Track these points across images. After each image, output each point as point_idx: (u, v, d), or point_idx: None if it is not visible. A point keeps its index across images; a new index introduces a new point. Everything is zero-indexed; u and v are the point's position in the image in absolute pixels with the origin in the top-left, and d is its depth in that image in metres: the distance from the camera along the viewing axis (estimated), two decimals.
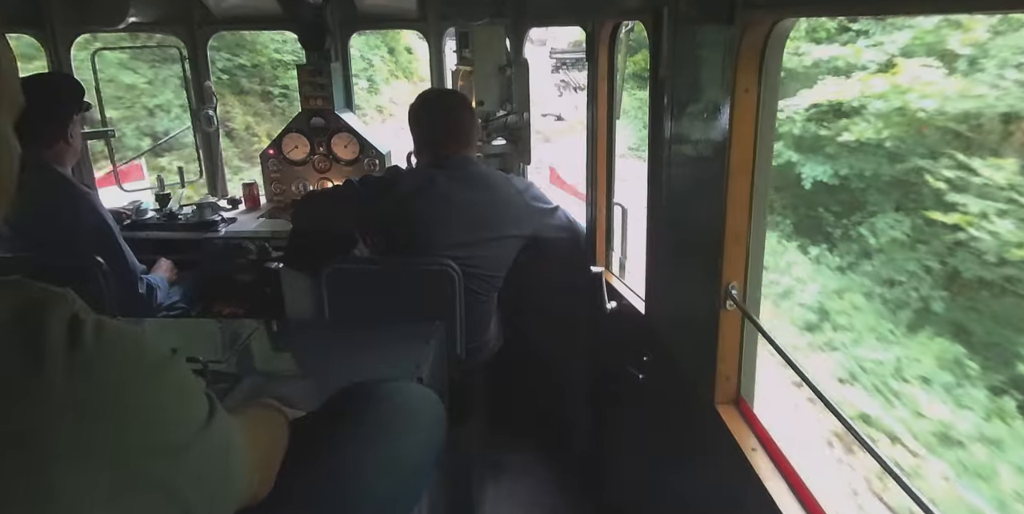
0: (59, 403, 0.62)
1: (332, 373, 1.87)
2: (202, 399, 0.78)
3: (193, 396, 0.76)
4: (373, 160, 3.68)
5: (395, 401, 1.27)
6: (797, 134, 8.08)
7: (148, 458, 0.68)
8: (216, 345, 2.13)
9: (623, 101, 2.51)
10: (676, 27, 1.76)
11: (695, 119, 1.69)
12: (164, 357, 0.73)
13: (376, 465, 1.17)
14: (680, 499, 2.05)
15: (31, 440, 0.61)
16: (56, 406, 0.62)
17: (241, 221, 3.57)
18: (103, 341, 0.67)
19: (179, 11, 3.64)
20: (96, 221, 2.60)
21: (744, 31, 1.39)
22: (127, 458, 0.66)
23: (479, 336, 2.65)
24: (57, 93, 2.62)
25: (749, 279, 1.59)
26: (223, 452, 0.79)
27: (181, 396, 0.74)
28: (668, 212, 1.94)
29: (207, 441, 0.75)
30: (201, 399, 0.77)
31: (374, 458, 1.17)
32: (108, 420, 0.65)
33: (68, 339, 0.65)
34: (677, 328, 1.95)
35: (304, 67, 3.60)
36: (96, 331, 0.67)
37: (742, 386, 1.66)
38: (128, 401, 0.67)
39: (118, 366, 0.68)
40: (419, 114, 2.62)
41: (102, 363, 0.66)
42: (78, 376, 0.64)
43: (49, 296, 0.68)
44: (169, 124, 9.37)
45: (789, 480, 1.42)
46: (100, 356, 0.66)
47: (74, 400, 0.63)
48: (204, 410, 0.76)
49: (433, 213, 2.47)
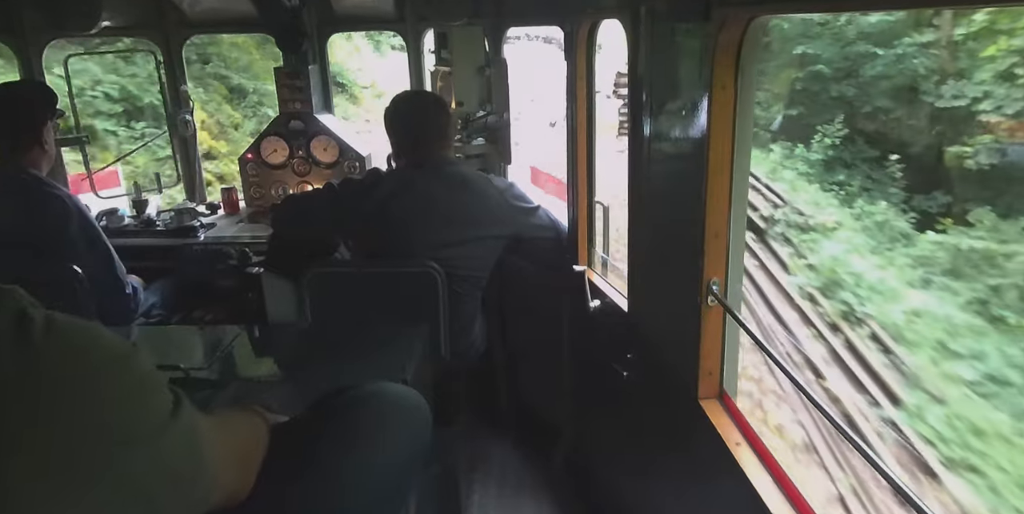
0: (11, 399, 0.61)
1: (316, 377, 1.86)
2: (164, 393, 0.76)
3: (154, 390, 0.75)
4: (353, 163, 3.65)
5: (380, 403, 1.27)
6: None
7: (107, 452, 0.66)
8: (198, 352, 2.11)
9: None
10: (653, 25, 1.77)
11: (674, 117, 1.70)
12: (121, 351, 0.72)
13: (361, 467, 1.16)
14: (666, 494, 2.06)
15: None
16: (7, 402, 0.61)
17: (220, 226, 3.54)
18: (53, 336, 0.66)
19: (152, 15, 3.60)
20: (82, 222, 2.58)
21: (720, 28, 1.41)
22: (84, 453, 0.64)
23: (463, 337, 2.64)
24: (30, 100, 2.62)
25: (730, 275, 1.60)
26: (190, 445, 0.77)
27: (141, 390, 0.72)
28: (649, 210, 1.95)
29: (172, 434, 0.73)
30: (163, 393, 0.76)
31: (358, 461, 1.16)
32: (62, 416, 0.64)
33: (16, 335, 0.64)
34: (660, 325, 1.96)
35: (281, 70, 3.58)
36: (46, 326, 0.66)
37: (725, 381, 1.67)
38: (81, 396, 0.66)
39: (69, 361, 0.66)
40: (393, 117, 2.61)
41: (52, 358, 0.65)
42: (29, 371, 0.63)
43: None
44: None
45: (773, 473, 1.43)
46: (49, 351, 0.65)
47: (26, 397, 0.62)
48: (167, 404, 0.75)
49: (414, 214, 2.46)
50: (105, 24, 3.26)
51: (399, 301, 2.43)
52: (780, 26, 13.27)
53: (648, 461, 2.18)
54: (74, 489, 0.63)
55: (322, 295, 2.43)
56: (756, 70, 1.49)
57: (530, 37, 17.89)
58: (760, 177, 12.10)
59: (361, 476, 1.16)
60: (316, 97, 3.60)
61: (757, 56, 1.47)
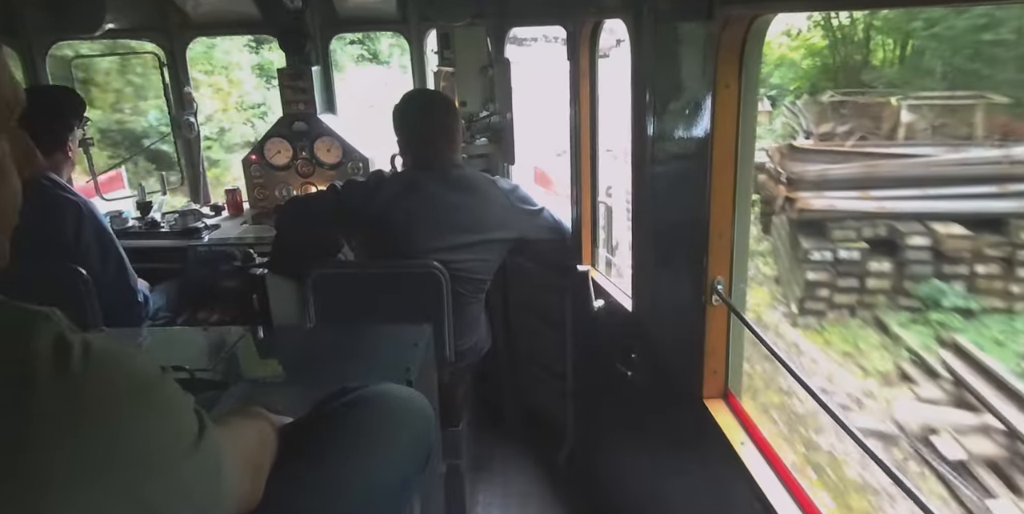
0: (50, 429, 0.61)
1: (320, 378, 1.86)
2: (191, 417, 0.77)
3: (182, 415, 0.76)
4: (357, 164, 3.66)
5: (383, 405, 1.27)
6: None
7: (139, 480, 0.67)
8: (203, 353, 2.11)
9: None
10: (656, 24, 1.77)
11: (677, 116, 1.70)
12: (153, 377, 0.72)
13: (365, 468, 1.16)
14: (671, 494, 2.06)
15: (23, 468, 0.60)
16: (47, 432, 0.61)
17: (224, 228, 3.54)
18: (91, 364, 0.66)
19: (156, 17, 3.61)
20: (98, 229, 2.59)
21: (723, 27, 1.40)
22: (119, 480, 0.65)
23: (468, 338, 2.64)
24: (59, 105, 2.64)
25: (734, 274, 1.60)
26: (213, 469, 0.78)
27: (170, 416, 0.73)
28: (652, 209, 1.95)
29: (197, 460, 0.74)
30: (190, 417, 0.77)
31: (363, 462, 1.17)
32: (98, 443, 0.64)
33: (55, 363, 0.64)
34: (664, 324, 1.95)
35: (285, 71, 3.58)
36: (84, 353, 0.66)
37: (729, 380, 1.67)
38: (118, 424, 0.66)
39: (107, 389, 0.67)
40: (402, 115, 2.60)
41: (91, 387, 0.65)
42: (68, 401, 0.63)
43: (32, 317, 0.67)
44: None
45: (778, 472, 1.43)
46: (89, 380, 0.65)
47: (64, 425, 0.62)
48: (194, 428, 0.76)
49: (418, 216, 2.46)
50: (109, 26, 3.27)
51: (403, 302, 2.44)
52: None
53: (652, 461, 2.18)
54: (103, 510, 0.64)
55: (326, 296, 2.43)
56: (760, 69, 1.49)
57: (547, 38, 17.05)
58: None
59: (365, 477, 1.16)
60: (319, 98, 3.61)
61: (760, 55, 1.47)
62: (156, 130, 9.10)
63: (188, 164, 3.93)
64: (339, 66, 14.82)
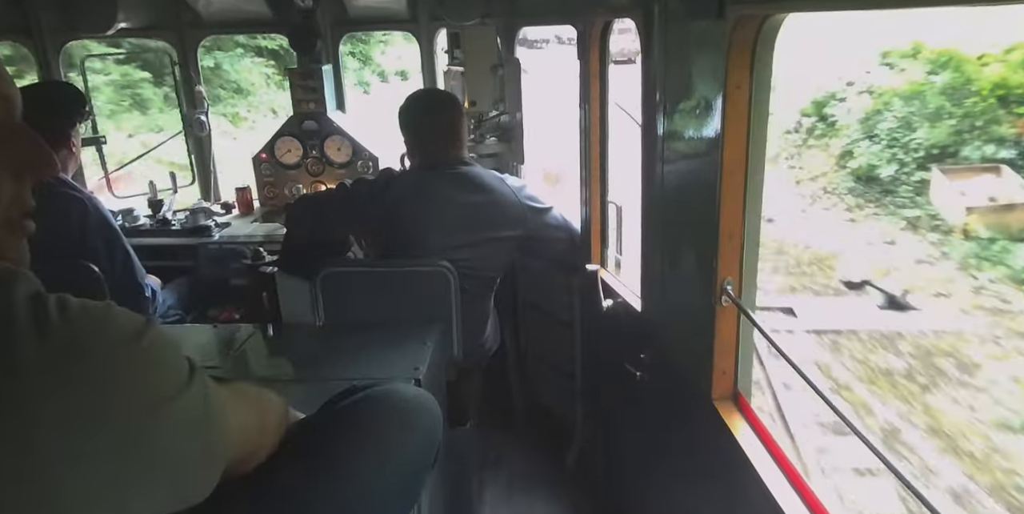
0: (35, 376, 0.63)
1: (329, 376, 1.87)
2: (181, 362, 0.77)
3: (173, 360, 0.76)
4: (367, 163, 3.67)
5: (390, 404, 1.27)
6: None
7: (132, 425, 0.68)
8: (213, 350, 2.13)
9: None
10: (667, 24, 1.76)
11: (688, 116, 1.70)
12: (137, 326, 0.73)
13: (373, 467, 1.17)
14: (679, 495, 2.05)
15: (14, 413, 0.62)
16: (33, 379, 0.63)
17: (235, 226, 3.56)
18: (68, 315, 0.68)
19: (168, 16, 3.63)
20: (104, 226, 2.59)
21: (735, 27, 1.40)
22: (112, 427, 0.67)
23: (476, 337, 2.64)
24: (60, 101, 2.62)
25: (744, 274, 1.60)
26: (203, 405, 0.79)
27: (158, 362, 0.74)
28: (662, 209, 1.94)
29: (187, 397, 0.75)
30: (180, 362, 0.77)
31: (371, 460, 1.17)
32: (87, 392, 0.66)
33: (34, 314, 0.66)
34: (673, 325, 1.95)
35: (295, 70, 3.60)
36: (60, 306, 0.68)
37: (739, 381, 1.66)
38: (102, 373, 0.68)
39: (86, 337, 0.68)
40: (408, 115, 2.61)
41: (70, 335, 0.67)
42: (49, 349, 0.65)
43: (9, 274, 0.69)
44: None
45: (787, 474, 1.42)
46: (67, 328, 0.67)
47: (49, 372, 0.64)
48: (183, 374, 0.76)
49: (427, 215, 2.46)
50: (121, 25, 3.30)
51: (412, 301, 2.44)
52: None
53: (661, 461, 2.18)
54: (97, 459, 0.65)
55: (335, 294, 2.44)
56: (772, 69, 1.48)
57: (560, 40, 16.29)
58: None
59: (372, 476, 1.17)
60: (329, 97, 3.62)
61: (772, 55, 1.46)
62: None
63: (199, 162, 3.95)
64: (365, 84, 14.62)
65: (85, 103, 2.72)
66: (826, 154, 11.46)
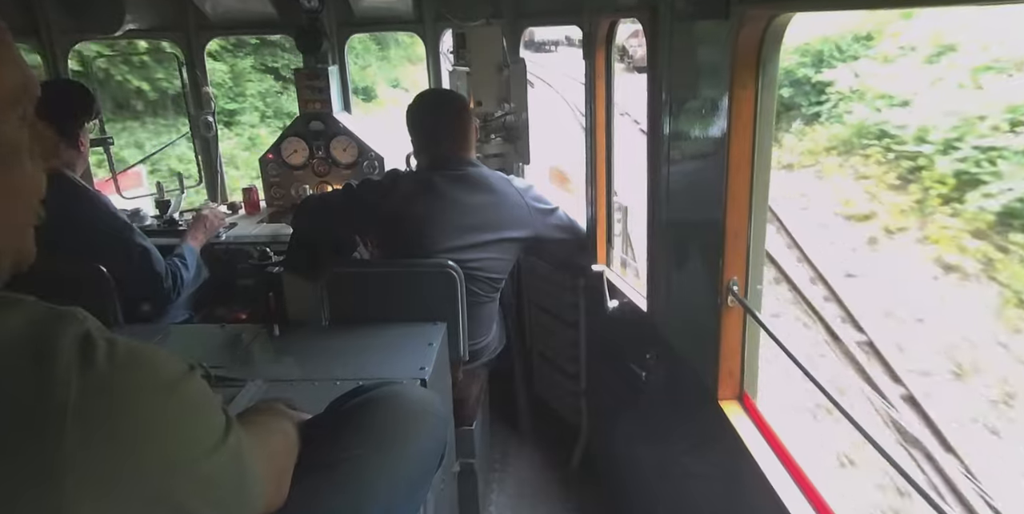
0: (77, 426, 0.62)
1: (336, 376, 1.87)
2: (218, 415, 0.77)
3: (209, 413, 0.76)
4: (372, 163, 3.67)
5: (398, 405, 1.28)
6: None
7: (163, 477, 0.67)
8: (220, 350, 2.14)
9: None
10: (673, 24, 1.76)
11: (693, 116, 1.69)
12: (179, 375, 0.73)
13: (380, 467, 1.17)
14: (684, 495, 2.05)
15: (48, 466, 0.60)
16: (70, 429, 0.62)
17: (241, 226, 3.57)
18: (117, 361, 0.67)
19: (175, 17, 3.64)
20: (113, 222, 2.60)
21: (740, 27, 1.39)
22: (142, 478, 0.65)
23: (482, 337, 2.65)
24: (69, 100, 2.63)
25: (750, 274, 1.59)
26: (238, 468, 0.79)
27: (196, 414, 0.74)
28: (668, 209, 1.94)
29: (222, 457, 0.75)
30: (217, 415, 0.77)
31: (378, 461, 1.17)
32: (122, 441, 0.65)
33: (80, 361, 0.64)
34: (679, 325, 1.95)
35: (301, 71, 3.60)
36: (109, 351, 0.66)
37: (745, 381, 1.66)
38: (143, 422, 0.67)
39: (132, 387, 0.67)
40: (416, 115, 2.61)
41: (115, 384, 0.66)
42: (91, 398, 0.63)
43: (58, 316, 0.67)
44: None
45: (793, 475, 1.42)
46: (114, 377, 0.66)
47: (91, 423, 0.63)
48: (221, 426, 0.76)
49: (433, 215, 2.47)
50: (129, 27, 3.31)
51: (417, 301, 2.44)
52: None
53: (667, 462, 2.17)
54: (125, 510, 0.64)
55: (341, 295, 2.44)
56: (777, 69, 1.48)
57: (570, 41, 15.72)
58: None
59: (380, 476, 1.17)
60: (336, 98, 3.63)
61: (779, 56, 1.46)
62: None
63: (206, 163, 3.96)
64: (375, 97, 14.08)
65: (94, 102, 2.72)
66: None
